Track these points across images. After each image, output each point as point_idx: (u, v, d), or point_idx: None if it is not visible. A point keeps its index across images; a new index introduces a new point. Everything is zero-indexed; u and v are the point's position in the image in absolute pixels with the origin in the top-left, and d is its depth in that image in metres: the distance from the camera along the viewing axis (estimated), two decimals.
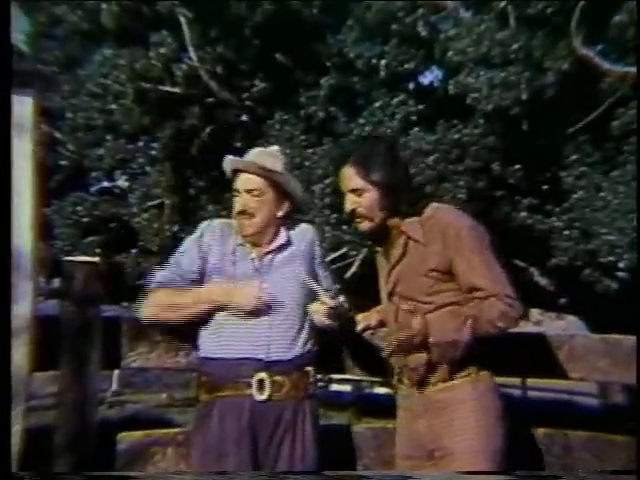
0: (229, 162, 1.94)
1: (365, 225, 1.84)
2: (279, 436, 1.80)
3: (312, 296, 1.92)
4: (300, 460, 1.81)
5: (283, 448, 1.80)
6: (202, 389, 1.85)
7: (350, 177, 1.82)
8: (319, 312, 1.86)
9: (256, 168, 1.90)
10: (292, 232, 1.98)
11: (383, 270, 1.91)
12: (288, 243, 1.95)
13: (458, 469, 1.69)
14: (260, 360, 1.80)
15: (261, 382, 1.79)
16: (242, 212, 1.90)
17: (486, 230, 1.81)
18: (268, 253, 1.92)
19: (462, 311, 1.74)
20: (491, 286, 1.72)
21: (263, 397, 1.79)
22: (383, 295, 1.90)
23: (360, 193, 1.81)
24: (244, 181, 1.91)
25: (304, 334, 1.88)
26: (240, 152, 2.05)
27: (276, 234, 1.94)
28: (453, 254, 1.74)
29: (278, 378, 1.80)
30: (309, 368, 1.88)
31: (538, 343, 2.37)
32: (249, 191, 1.90)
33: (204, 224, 1.98)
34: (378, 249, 1.94)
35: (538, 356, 2.34)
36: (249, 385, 1.79)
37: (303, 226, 2.05)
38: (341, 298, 2.02)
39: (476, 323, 1.70)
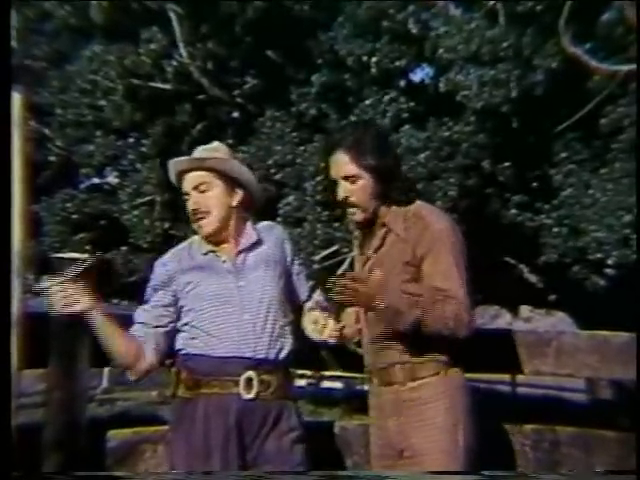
0: (171, 166, 1.91)
1: (359, 215, 1.81)
2: (264, 435, 1.79)
3: (290, 295, 1.92)
4: (286, 459, 1.80)
5: (268, 447, 1.79)
6: (182, 386, 1.83)
7: (344, 163, 1.78)
8: (314, 329, 1.84)
9: (196, 162, 1.87)
10: (260, 230, 1.95)
11: (359, 258, 1.90)
12: (259, 242, 1.92)
13: (427, 468, 1.68)
14: (249, 358, 1.79)
15: (249, 380, 1.78)
16: (195, 211, 1.86)
17: (463, 238, 1.78)
18: (240, 253, 1.89)
19: (419, 297, 1.71)
20: (453, 290, 1.68)
21: (250, 396, 1.78)
22: None
23: (354, 180, 1.78)
24: (189, 180, 1.87)
25: (288, 333, 1.88)
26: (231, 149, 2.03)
27: (243, 232, 1.91)
28: (425, 252, 1.72)
29: (265, 377, 1.80)
30: (292, 368, 1.89)
31: (527, 340, 2.39)
32: (196, 188, 1.86)
33: (168, 255, 1.94)
34: (357, 234, 1.92)
35: (527, 352, 2.36)
36: (236, 383, 1.78)
37: (270, 224, 2.03)
38: (317, 295, 2.01)
39: (427, 311, 1.67)
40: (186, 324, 1.86)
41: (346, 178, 1.79)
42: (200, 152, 1.93)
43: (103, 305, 1.78)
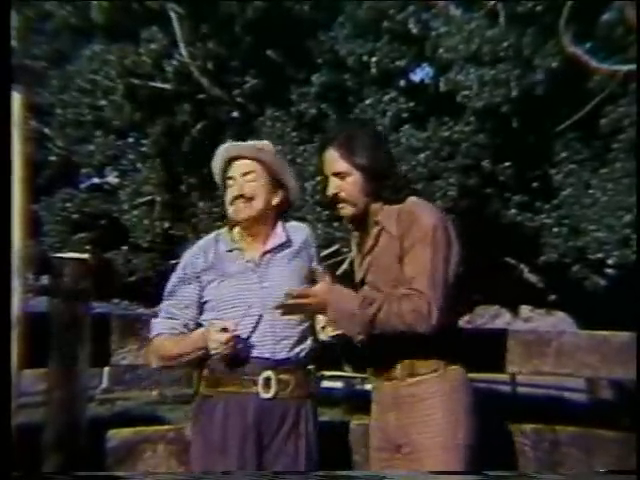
0: (225, 150, 1.93)
1: (348, 210, 1.81)
2: (283, 434, 1.80)
3: None
4: (305, 458, 1.81)
5: (287, 446, 1.80)
6: (203, 383, 1.85)
7: (334, 160, 1.79)
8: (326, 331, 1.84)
9: (250, 150, 1.91)
10: (289, 231, 1.95)
11: (356, 257, 1.91)
12: (288, 243, 1.92)
13: (426, 465, 1.67)
14: (267, 359, 1.80)
15: (267, 380, 1.79)
16: (239, 196, 1.88)
17: (456, 237, 1.76)
18: (266, 253, 1.90)
19: (374, 294, 1.71)
20: (420, 281, 1.65)
21: (269, 395, 1.79)
22: (356, 282, 1.90)
23: (343, 176, 1.79)
24: (240, 166, 1.90)
25: (307, 333, 1.88)
26: None
27: (274, 232, 1.92)
28: (410, 245, 1.71)
29: (284, 376, 1.80)
30: (311, 366, 1.88)
31: (527, 339, 2.39)
32: (245, 174, 1.89)
33: (195, 248, 1.96)
34: (355, 234, 1.93)
35: (527, 352, 2.36)
36: (255, 383, 1.79)
37: (298, 224, 2.04)
38: None
39: (383, 308, 1.66)
40: (208, 321, 1.87)
41: (336, 174, 1.80)
42: (255, 144, 1.96)
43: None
